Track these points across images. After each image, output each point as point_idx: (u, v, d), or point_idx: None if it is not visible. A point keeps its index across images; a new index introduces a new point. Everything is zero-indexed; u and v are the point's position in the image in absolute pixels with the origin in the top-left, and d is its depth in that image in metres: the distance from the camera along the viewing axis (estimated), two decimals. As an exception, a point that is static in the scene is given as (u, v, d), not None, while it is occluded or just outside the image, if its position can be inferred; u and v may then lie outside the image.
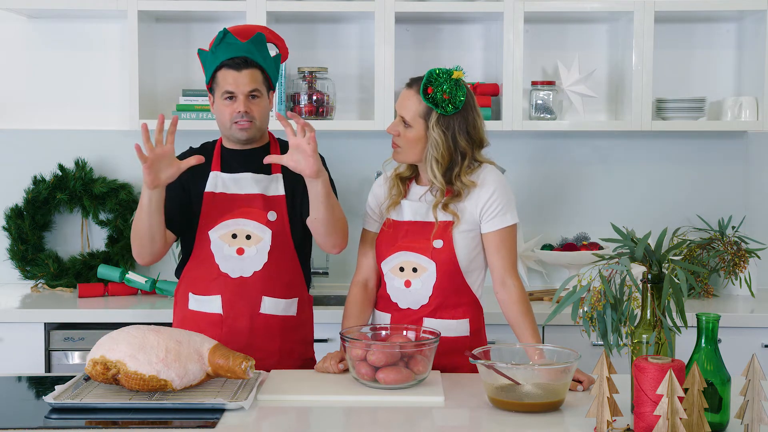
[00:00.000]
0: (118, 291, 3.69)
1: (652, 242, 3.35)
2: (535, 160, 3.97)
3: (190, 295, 2.70)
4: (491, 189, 2.57)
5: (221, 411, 2.14)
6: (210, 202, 2.68)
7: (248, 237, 2.64)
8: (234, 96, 2.64)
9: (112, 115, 3.93)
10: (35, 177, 3.88)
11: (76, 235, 3.96)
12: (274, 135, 2.81)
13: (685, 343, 2.27)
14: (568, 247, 3.82)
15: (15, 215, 3.85)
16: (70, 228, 3.96)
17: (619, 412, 1.93)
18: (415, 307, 2.60)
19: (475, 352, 2.24)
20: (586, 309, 2.08)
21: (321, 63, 3.88)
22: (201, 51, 2.71)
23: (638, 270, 2.20)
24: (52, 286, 3.82)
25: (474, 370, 2.36)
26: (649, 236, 2.19)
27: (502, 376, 2.17)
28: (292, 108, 3.75)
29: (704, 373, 1.98)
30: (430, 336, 2.40)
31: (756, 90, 3.74)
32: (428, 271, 2.56)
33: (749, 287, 3.67)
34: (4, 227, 3.87)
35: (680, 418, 1.80)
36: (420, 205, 2.62)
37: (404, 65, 3.75)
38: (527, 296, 2.58)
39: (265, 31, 2.75)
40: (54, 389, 2.25)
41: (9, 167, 3.92)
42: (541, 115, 3.80)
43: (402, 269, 2.58)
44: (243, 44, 2.65)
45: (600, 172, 3.98)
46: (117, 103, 3.92)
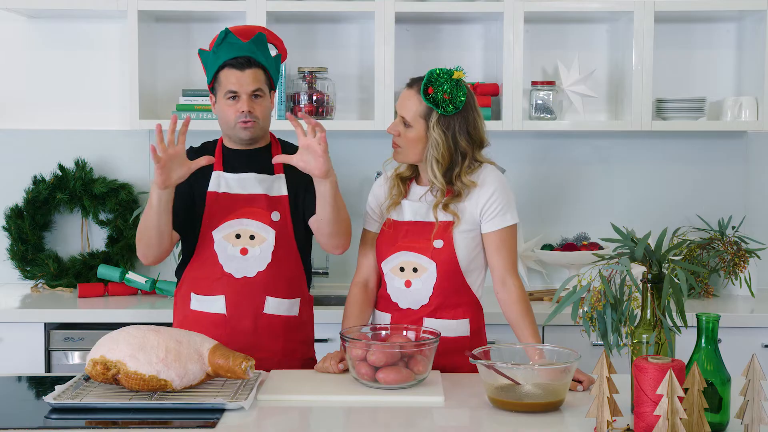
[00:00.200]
0: (118, 291, 3.69)
1: (652, 242, 3.35)
2: (535, 160, 3.97)
3: (192, 295, 2.69)
4: (491, 189, 2.57)
5: (221, 411, 2.14)
6: (213, 202, 2.67)
7: (252, 237, 2.64)
8: (237, 96, 2.63)
9: (112, 115, 3.93)
10: (35, 177, 3.88)
11: (76, 235, 3.96)
12: (275, 135, 2.81)
13: (685, 343, 2.27)
14: (568, 247, 3.82)
15: (15, 215, 3.85)
16: (70, 228, 3.96)
17: (619, 412, 1.93)
18: (415, 307, 2.59)
19: (475, 352, 2.24)
20: (586, 309, 2.08)
21: (321, 63, 3.88)
22: (202, 51, 2.70)
23: (638, 270, 2.20)
24: (52, 286, 3.82)
25: (474, 370, 2.36)
26: (649, 236, 2.19)
27: (502, 376, 2.17)
28: (292, 108, 3.75)
29: (704, 373, 1.98)
30: (430, 336, 2.40)
31: (756, 90, 3.74)
32: (428, 271, 2.56)
33: (749, 287, 3.67)
34: (4, 227, 3.87)
35: (680, 418, 1.79)
36: (420, 205, 2.61)
37: (404, 65, 3.75)
38: (527, 296, 2.58)
39: (264, 31, 2.75)
40: (54, 389, 2.24)
41: (9, 167, 3.92)
42: (541, 115, 3.79)
43: (402, 269, 2.58)
44: (245, 44, 2.64)
45: (600, 172, 3.98)
46: (117, 103, 3.92)
